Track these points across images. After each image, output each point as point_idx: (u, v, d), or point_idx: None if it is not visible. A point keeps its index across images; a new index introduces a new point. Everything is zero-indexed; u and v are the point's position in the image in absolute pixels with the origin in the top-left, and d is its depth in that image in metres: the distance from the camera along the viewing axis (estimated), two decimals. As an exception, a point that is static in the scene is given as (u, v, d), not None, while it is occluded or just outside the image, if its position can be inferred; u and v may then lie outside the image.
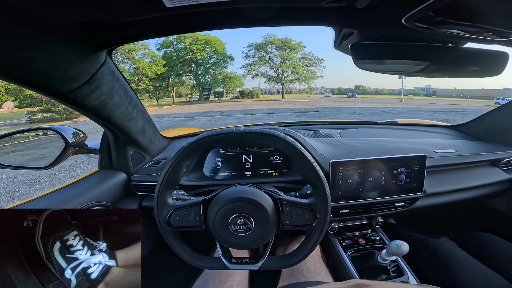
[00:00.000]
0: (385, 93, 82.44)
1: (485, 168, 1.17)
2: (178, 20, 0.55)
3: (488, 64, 0.66)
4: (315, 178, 0.65)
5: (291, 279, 0.84)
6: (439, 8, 0.44)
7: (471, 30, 0.55)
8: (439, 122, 1.70)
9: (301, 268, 0.87)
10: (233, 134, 0.65)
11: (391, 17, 0.51)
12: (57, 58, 0.54)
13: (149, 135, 1.05)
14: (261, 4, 0.48)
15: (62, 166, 5.03)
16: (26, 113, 17.88)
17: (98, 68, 0.64)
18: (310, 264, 0.89)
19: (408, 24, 0.51)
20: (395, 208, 1.00)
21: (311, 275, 0.84)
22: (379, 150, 1.05)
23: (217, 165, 1.01)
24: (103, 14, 0.47)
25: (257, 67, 40.60)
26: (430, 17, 0.48)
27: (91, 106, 0.71)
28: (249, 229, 0.63)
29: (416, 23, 0.50)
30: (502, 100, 22.47)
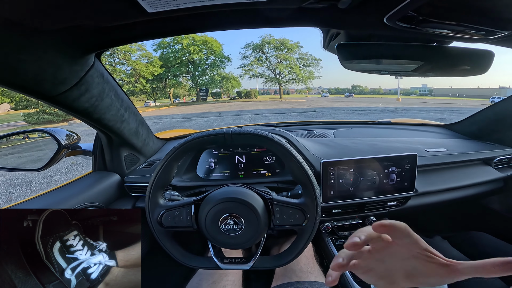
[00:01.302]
0: (382, 92, 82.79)
1: (478, 167, 1.17)
2: (163, 23, 0.55)
3: (474, 63, 0.67)
4: (305, 178, 0.66)
5: (285, 279, 0.84)
6: (421, 7, 0.45)
7: (456, 28, 0.55)
8: (432, 121, 1.71)
9: (294, 268, 0.87)
10: (223, 135, 0.66)
11: (373, 17, 0.52)
12: (45, 62, 0.54)
13: (143, 136, 1.05)
14: (244, 7, 0.49)
15: (58, 168, 5.02)
16: (22, 115, 17.77)
17: (87, 71, 0.64)
18: (303, 264, 0.90)
19: (391, 24, 0.51)
20: (387, 207, 1.01)
21: (304, 275, 0.84)
22: (372, 150, 1.06)
23: (210, 165, 1.01)
24: (88, 20, 0.47)
25: (254, 68, 40.68)
26: (412, 16, 0.49)
27: (82, 108, 0.71)
28: (240, 229, 0.64)
29: (398, 23, 0.51)
30: (498, 99, 22.56)
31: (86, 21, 0.47)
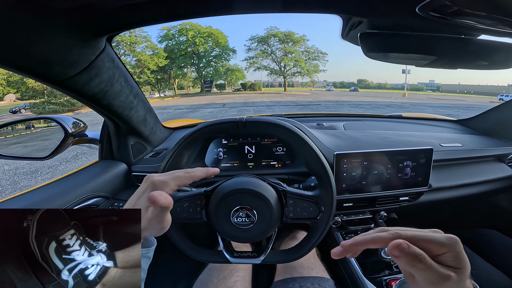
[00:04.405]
0: (388, 87, 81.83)
1: (491, 164, 1.15)
2: (175, 4, 0.52)
3: (500, 57, 0.64)
4: (321, 169, 0.63)
5: (285, 275, 0.83)
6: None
7: (487, 21, 0.53)
8: (444, 117, 1.67)
9: (295, 265, 0.85)
10: (236, 123, 0.64)
11: (405, 5, 0.49)
12: (54, 44, 0.52)
13: (150, 125, 1.03)
14: None
15: (63, 157, 5.06)
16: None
17: (98, 55, 0.62)
18: (304, 260, 0.87)
19: (422, 13, 0.48)
20: (399, 202, 0.98)
21: (305, 271, 0.82)
22: (384, 143, 1.03)
23: (219, 155, 0.99)
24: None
25: (259, 60, 40.49)
26: (446, 6, 0.46)
27: (91, 93, 0.69)
28: (252, 222, 0.62)
29: (430, 12, 0.47)
30: (506, 97, 22.29)
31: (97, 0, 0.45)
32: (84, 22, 0.52)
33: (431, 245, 0.33)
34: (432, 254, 0.32)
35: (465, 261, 0.32)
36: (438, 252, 0.33)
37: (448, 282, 0.31)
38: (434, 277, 0.31)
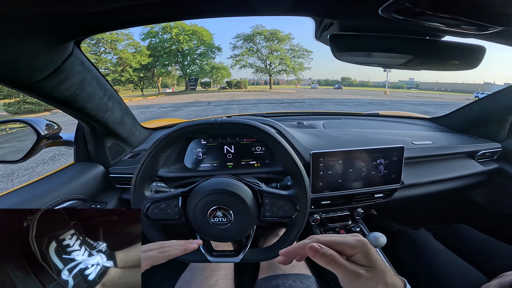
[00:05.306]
0: (370, 85, 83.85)
1: (462, 160, 1.20)
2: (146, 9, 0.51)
3: (465, 57, 0.66)
4: (295, 168, 0.65)
5: (269, 273, 0.84)
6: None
7: (450, 22, 0.55)
8: (419, 114, 1.74)
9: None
10: (211, 124, 0.64)
11: (368, 7, 0.50)
12: (20, 49, 0.50)
13: (128, 126, 1.02)
14: None
15: (41, 159, 4.87)
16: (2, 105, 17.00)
17: (66, 59, 0.61)
18: None
19: (385, 15, 0.49)
20: (374, 199, 1.02)
21: (288, 268, 0.84)
22: (361, 141, 1.06)
23: (199, 156, 0.99)
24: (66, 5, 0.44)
25: (245, 58, 40.37)
26: (408, 8, 0.48)
27: (61, 97, 0.67)
28: (229, 221, 0.63)
29: (393, 14, 0.49)
30: (482, 94, 23.35)
31: (65, 6, 0.44)
32: (50, 28, 0.51)
33: (343, 247, 0.39)
34: (347, 255, 0.39)
35: (374, 260, 0.38)
36: (351, 253, 0.39)
37: (361, 279, 0.36)
38: (347, 273, 0.36)
